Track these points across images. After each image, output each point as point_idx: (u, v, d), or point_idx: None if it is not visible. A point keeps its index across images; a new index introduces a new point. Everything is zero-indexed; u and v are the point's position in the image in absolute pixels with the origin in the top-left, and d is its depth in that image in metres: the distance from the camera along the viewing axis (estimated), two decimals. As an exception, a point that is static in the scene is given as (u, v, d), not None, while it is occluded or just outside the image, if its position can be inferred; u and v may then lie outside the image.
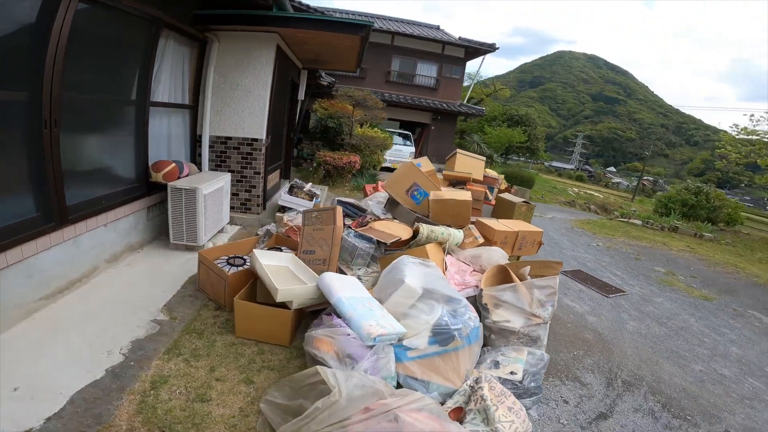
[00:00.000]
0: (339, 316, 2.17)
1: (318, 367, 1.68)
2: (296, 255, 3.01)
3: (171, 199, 3.50)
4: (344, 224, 3.56)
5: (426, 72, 14.04)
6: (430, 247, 3.07)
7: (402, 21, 14.46)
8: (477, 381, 2.05)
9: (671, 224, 10.73)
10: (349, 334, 2.01)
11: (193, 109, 4.48)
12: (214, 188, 3.79)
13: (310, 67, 6.90)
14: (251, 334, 2.41)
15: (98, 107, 2.98)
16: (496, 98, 26.20)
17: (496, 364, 2.34)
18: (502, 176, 5.81)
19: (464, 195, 3.82)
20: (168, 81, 3.91)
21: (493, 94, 25.33)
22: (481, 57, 14.43)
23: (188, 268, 3.32)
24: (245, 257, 3.02)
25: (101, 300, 2.63)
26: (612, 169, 67.29)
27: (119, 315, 2.49)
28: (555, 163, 54.23)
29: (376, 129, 10.07)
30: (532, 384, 2.27)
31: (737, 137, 14.90)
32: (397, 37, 13.17)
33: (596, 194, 20.86)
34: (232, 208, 4.65)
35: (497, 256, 3.29)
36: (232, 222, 4.65)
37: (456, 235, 3.39)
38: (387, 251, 3.17)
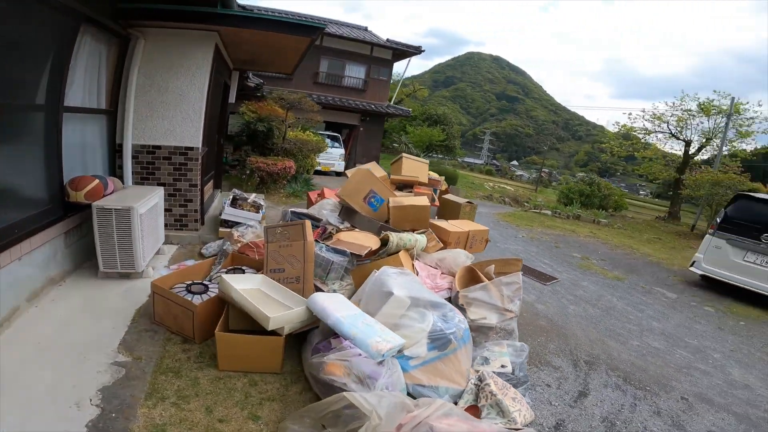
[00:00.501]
0: (336, 336, 2.09)
1: (345, 393, 1.61)
2: (264, 274, 2.82)
3: (98, 222, 2.98)
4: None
5: (354, 73, 14.05)
6: (403, 255, 3.10)
7: (331, 21, 14.29)
8: (480, 379, 2.18)
9: (574, 213, 12.29)
10: (360, 355, 1.95)
11: (112, 114, 3.89)
12: (149, 206, 3.33)
13: (241, 68, 6.45)
14: (237, 365, 2.19)
15: (-2, 116, 2.42)
16: (415, 98, 27.27)
17: (486, 360, 2.48)
18: (443, 177, 6.08)
19: (422, 200, 3.92)
20: (82, 83, 3.33)
21: (412, 94, 26.33)
22: (407, 59, 14.94)
23: (133, 298, 2.89)
24: (205, 283, 2.72)
25: (37, 345, 2.16)
26: (515, 162, 74.45)
27: (69, 360, 2.09)
28: (466, 159, 58.37)
29: (308, 132, 9.79)
30: (521, 374, 2.46)
31: (619, 133, 17.57)
32: (326, 37, 12.94)
33: (508, 187, 22.92)
34: (165, 225, 4.14)
35: (462, 258, 3.45)
36: (167, 241, 4.14)
37: (421, 240, 3.46)
38: (358, 262, 3.12)
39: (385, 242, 3.29)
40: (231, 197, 4.88)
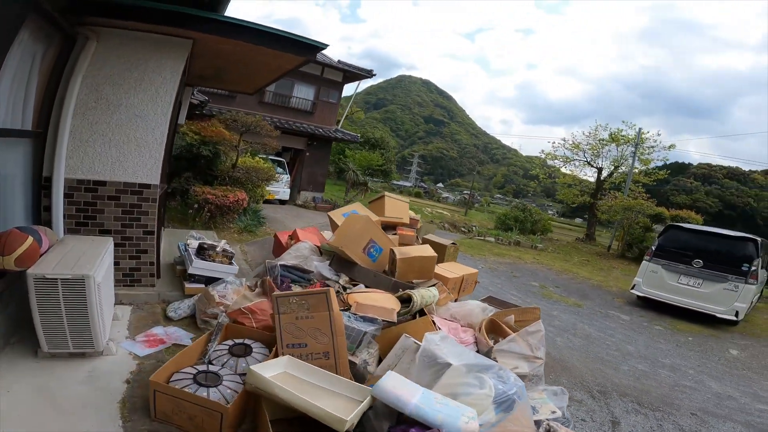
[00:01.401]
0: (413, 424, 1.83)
1: None
2: (281, 352, 2.41)
3: (37, 296, 2.28)
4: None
5: (303, 94, 13.49)
6: (428, 316, 2.90)
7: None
8: (548, 429, 2.25)
9: (514, 239, 13.15)
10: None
11: (39, 138, 3.04)
12: (105, 268, 2.66)
13: (196, 83, 5.78)
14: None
15: None
16: (351, 121, 27.42)
17: (535, 409, 2.48)
18: (419, 215, 6.03)
19: (428, 251, 3.77)
20: (4, 94, 2.56)
21: (350, 116, 26.45)
22: (357, 82, 14.90)
23: (104, 386, 2.26)
24: (217, 372, 2.20)
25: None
26: (440, 185, 78.56)
27: None
28: (395, 182, 60.14)
29: (257, 158, 9.12)
30: (567, 416, 2.58)
31: (544, 160, 19.44)
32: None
33: (444, 212, 23.92)
34: (114, 282, 3.40)
35: (477, 309, 3.37)
36: (117, 300, 3.39)
37: (436, 294, 3.30)
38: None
39: (404, 300, 3.07)
40: (194, 244, 4.20)
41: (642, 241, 13.39)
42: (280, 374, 2.18)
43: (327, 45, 3.77)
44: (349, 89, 15.22)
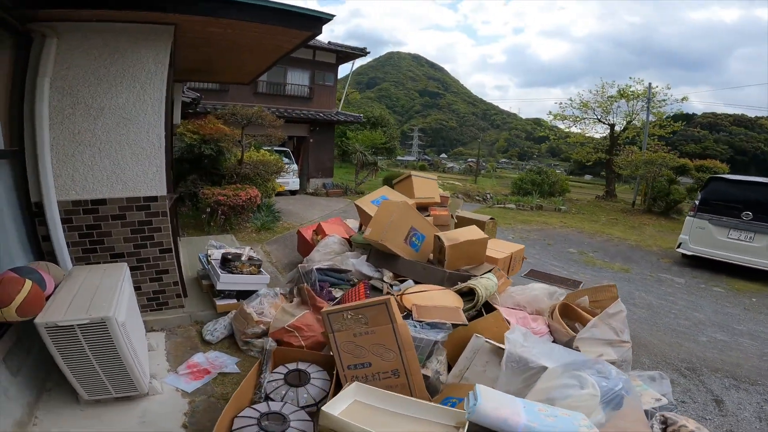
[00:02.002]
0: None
1: None
2: (343, 374, 2.08)
3: (57, 346, 1.93)
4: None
5: (298, 80, 12.86)
6: (498, 311, 2.54)
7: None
8: (664, 422, 2.05)
9: (536, 203, 12.69)
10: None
11: (17, 157, 2.63)
12: (126, 300, 2.30)
13: (186, 78, 5.32)
14: None
15: None
16: (348, 103, 26.61)
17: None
18: (448, 192, 5.61)
19: (477, 233, 3.38)
20: None
21: (345, 98, 25.66)
22: (351, 62, 14.24)
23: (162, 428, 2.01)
24: (280, 412, 1.87)
25: None
26: (444, 155, 77.40)
27: None
28: (400, 158, 59.25)
29: (262, 151, 8.68)
30: (674, 402, 2.38)
31: (552, 122, 18.75)
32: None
33: (456, 183, 23.38)
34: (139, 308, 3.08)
35: (543, 293, 3.01)
36: (148, 328, 3.09)
37: (494, 281, 2.93)
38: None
39: (464, 294, 2.71)
40: (216, 255, 3.84)
41: (668, 194, 12.85)
42: (350, 406, 1.84)
43: (333, 15, 3.29)
44: (343, 71, 14.60)
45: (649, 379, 2.49)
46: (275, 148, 11.28)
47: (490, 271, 3.10)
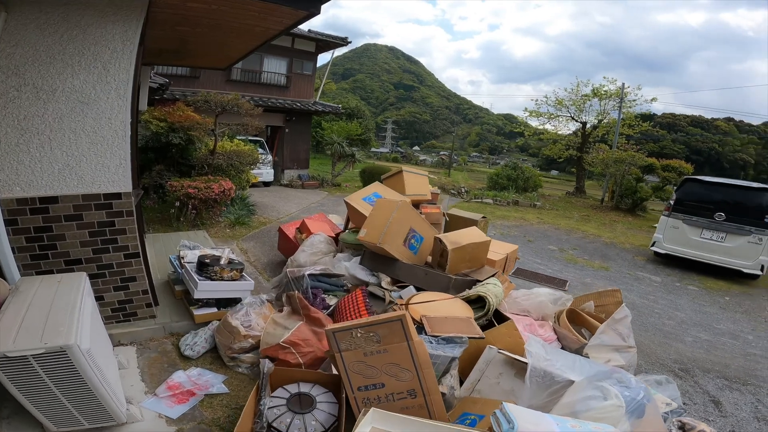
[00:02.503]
0: None
1: None
2: (353, 396, 1.88)
3: (10, 379, 1.62)
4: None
5: (275, 68, 12.23)
6: (511, 322, 2.41)
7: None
8: (682, 427, 2.09)
9: (512, 199, 12.85)
10: None
11: None
12: (89, 321, 1.96)
13: (153, 62, 4.84)
14: None
15: None
16: (322, 93, 25.96)
17: None
18: (437, 188, 5.45)
19: (480, 235, 3.24)
20: None
21: (321, 89, 25.00)
22: (331, 51, 13.71)
23: None
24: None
25: None
26: (417, 148, 77.68)
27: None
28: (374, 149, 58.90)
29: (236, 141, 8.18)
30: (683, 406, 2.40)
31: (527, 119, 19.07)
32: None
33: (431, 176, 23.40)
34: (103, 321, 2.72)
35: (548, 298, 2.92)
36: (115, 343, 2.74)
37: (500, 287, 2.80)
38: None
39: (471, 300, 2.56)
40: (190, 257, 3.47)
41: (635, 192, 13.38)
42: (370, 437, 1.65)
43: (331, -5, 3.01)
44: (320, 61, 14.11)
45: (656, 383, 2.47)
46: (250, 138, 10.75)
47: (493, 275, 2.98)
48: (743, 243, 6.00)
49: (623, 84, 16.65)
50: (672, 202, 6.82)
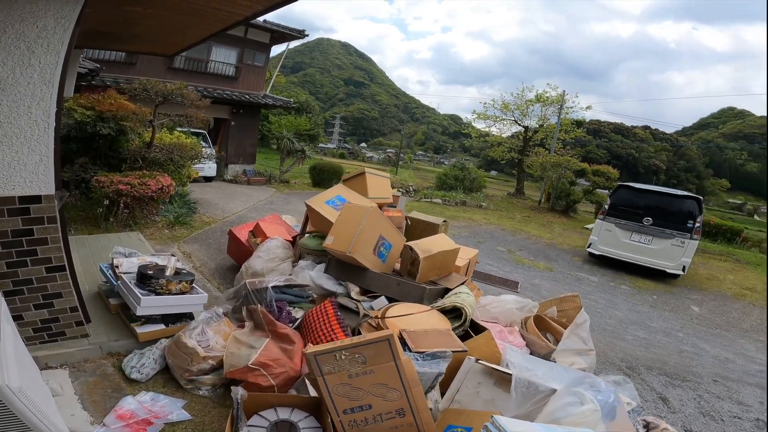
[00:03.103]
0: None
1: None
2: (338, 419, 1.76)
3: None
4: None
5: (223, 58, 11.35)
6: (488, 332, 2.43)
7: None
8: (646, 425, 2.26)
9: (460, 199, 13.28)
10: None
11: None
12: (13, 351, 1.62)
13: (86, 44, 4.25)
14: None
15: None
16: (273, 86, 24.92)
17: None
18: (397, 191, 5.41)
19: (448, 243, 3.23)
20: None
21: (272, 82, 23.97)
22: (286, 43, 13.01)
23: None
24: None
25: None
26: (364, 145, 77.71)
27: None
28: (321, 145, 57.96)
29: (176, 133, 7.47)
30: (641, 404, 2.58)
31: (475, 122, 19.86)
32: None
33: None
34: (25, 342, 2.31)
35: (513, 305, 3.00)
36: (42, 365, 2.33)
37: (472, 295, 2.82)
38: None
39: (446, 311, 2.54)
40: (127, 266, 3.04)
41: (568, 195, 14.49)
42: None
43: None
44: (273, 52, 13.46)
45: (614, 383, 2.64)
46: (192, 130, 9.95)
47: (462, 283, 3.00)
48: (668, 246, 6.71)
49: (564, 91, 17.98)
50: (606, 207, 7.45)
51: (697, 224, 6.58)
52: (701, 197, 7.23)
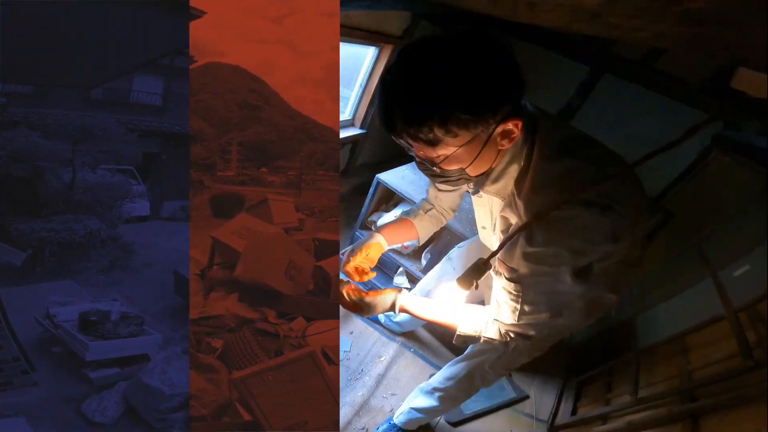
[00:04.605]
0: None
1: None
2: None
3: None
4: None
5: (149, 87, 10.03)
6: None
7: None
8: None
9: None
10: None
11: None
12: None
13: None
14: None
15: None
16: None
17: None
18: (302, 214, 5.67)
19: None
20: None
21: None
22: None
23: None
24: None
25: None
26: (264, 170, 73.12)
27: None
28: (219, 173, 52.13)
29: (101, 171, 6.93)
30: None
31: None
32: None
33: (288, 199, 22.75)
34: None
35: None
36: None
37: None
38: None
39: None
40: (66, 315, 2.78)
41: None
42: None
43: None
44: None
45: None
46: (117, 167, 9.00)
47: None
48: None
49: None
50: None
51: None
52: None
